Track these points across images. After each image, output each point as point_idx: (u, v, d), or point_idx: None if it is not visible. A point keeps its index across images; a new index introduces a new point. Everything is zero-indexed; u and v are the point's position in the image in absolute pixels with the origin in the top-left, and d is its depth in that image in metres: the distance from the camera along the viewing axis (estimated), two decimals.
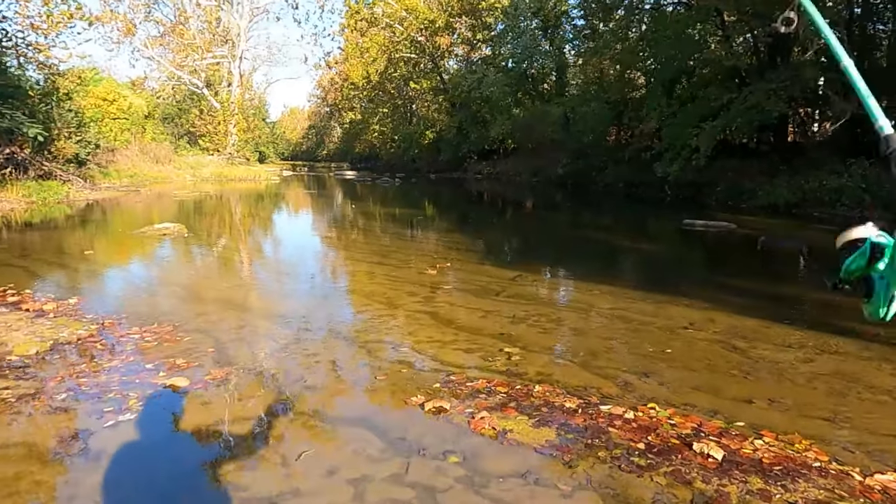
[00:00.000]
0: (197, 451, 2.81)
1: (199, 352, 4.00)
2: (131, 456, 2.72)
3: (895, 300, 0.57)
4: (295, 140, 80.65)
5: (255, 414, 3.11)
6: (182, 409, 3.16)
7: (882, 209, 12.07)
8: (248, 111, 40.69)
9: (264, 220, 14.43)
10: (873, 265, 0.59)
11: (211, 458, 2.69)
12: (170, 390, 3.36)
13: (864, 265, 0.59)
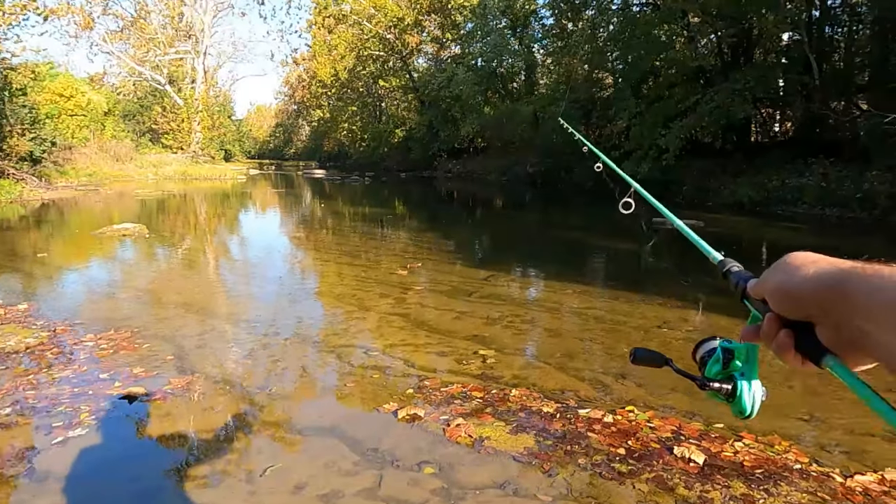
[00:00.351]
0: (154, 467, 2.63)
1: (159, 359, 3.79)
2: (82, 475, 2.52)
3: (757, 395, 0.62)
4: (262, 138, 79.38)
5: (218, 425, 2.94)
6: (139, 422, 2.97)
7: (841, 207, 12.42)
8: (213, 108, 39.80)
9: (230, 219, 14.06)
10: (730, 366, 0.64)
11: (170, 476, 2.52)
12: (126, 402, 3.16)
13: (722, 368, 0.64)
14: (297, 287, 6.51)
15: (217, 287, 6.56)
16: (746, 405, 0.62)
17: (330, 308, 5.39)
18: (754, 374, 0.62)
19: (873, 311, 0.42)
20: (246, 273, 7.46)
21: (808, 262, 0.50)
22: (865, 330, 0.43)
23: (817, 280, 0.47)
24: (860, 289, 0.44)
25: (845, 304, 0.44)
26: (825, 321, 0.47)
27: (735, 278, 0.66)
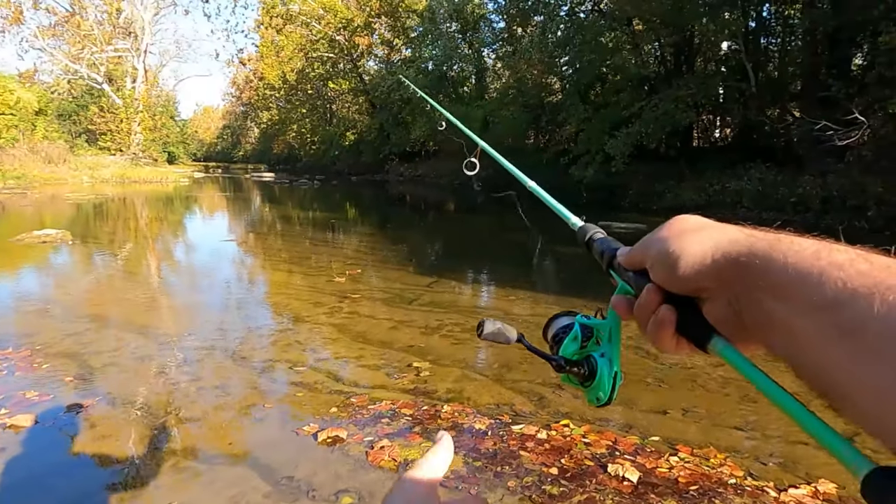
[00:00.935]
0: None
1: (59, 381, 3.43)
2: None
3: (618, 379, 0.51)
4: (209, 140, 77.12)
5: (116, 456, 2.64)
6: (21, 455, 2.63)
7: (777, 211, 12.86)
8: (155, 109, 38.29)
9: (169, 224, 13.41)
10: (588, 345, 0.54)
11: None
12: (11, 432, 2.82)
13: (579, 347, 0.55)
14: (228, 297, 6.15)
15: (139, 299, 6.12)
16: (606, 389, 0.52)
17: (260, 319, 5.09)
18: (616, 355, 0.53)
19: (787, 289, 0.34)
20: (174, 282, 7.04)
21: (701, 227, 0.43)
22: (770, 309, 0.35)
23: (718, 248, 0.39)
24: (775, 260, 0.35)
25: (751, 278, 0.36)
26: (718, 297, 0.40)
27: (601, 245, 0.59)
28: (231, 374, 3.69)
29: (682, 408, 3.15)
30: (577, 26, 19.38)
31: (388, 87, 28.94)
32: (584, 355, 0.54)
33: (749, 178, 13.82)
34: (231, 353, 4.07)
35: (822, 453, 2.59)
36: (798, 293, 0.33)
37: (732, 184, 14.08)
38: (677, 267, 0.41)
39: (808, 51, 14.23)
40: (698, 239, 0.41)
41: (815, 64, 13.82)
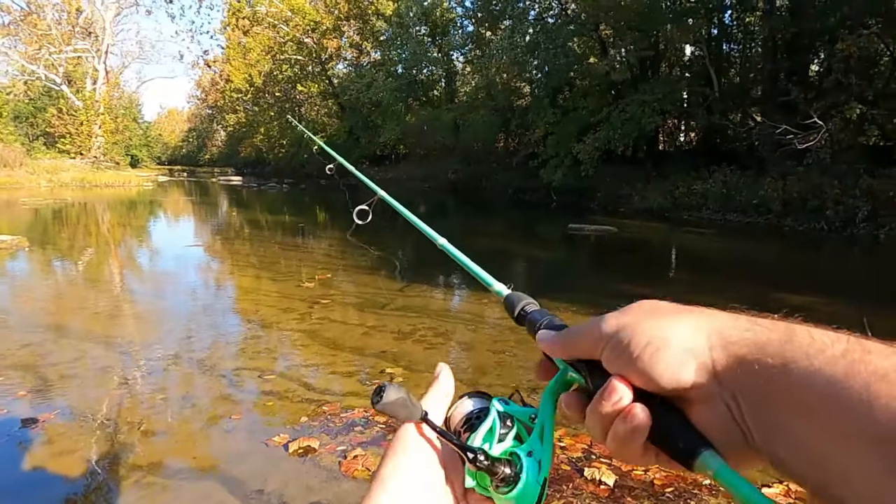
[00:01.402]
0: None
1: (10, 395, 3.27)
2: None
3: (545, 488, 0.40)
4: (174, 143, 75.52)
5: (75, 473, 2.51)
6: None
7: (741, 213, 13.17)
8: (117, 111, 37.32)
9: (132, 230, 13.03)
10: (509, 438, 0.43)
11: None
12: None
13: (496, 440, 0.43)
14: (194, 304, 5.98)
15: (100, 307, 5.91)
16: (532, 500, 0.40)
17: (227, 326, 4.95)
18: (548, 458, 0.42)
19: (823, 411, 0.26)
20: (138, 290, 6.82)
21: (679, 310, 0.36)
22: (796, 432, 0.27)
23: (715, 339, 0.32)
24: (797, 366, 0.28)
25: (764, 384, 0.29)
26: (711, 401, 0.31)
27: (536, 318, 0.48)
28: (197, 383, 3.57)
29: None
30: (546, 31, 19.58)
31: (357, 90, 28.76)
32: (506, 452, 0.43)
33: (714, 180, 14.14)
34: (197, 361, 3.95)
35: None
36: (841, 420, 0.26)
37: (698, 186, 14.40)
38: (659, 359, 0.32)
39: (768, 57, 14.65)
40: (684, 324, 0.33)
41: (774, 69, 14.23)
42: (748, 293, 6.35)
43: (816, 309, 5.64)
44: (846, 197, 11.15)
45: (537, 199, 18.92)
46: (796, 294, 6.32)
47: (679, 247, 10.91)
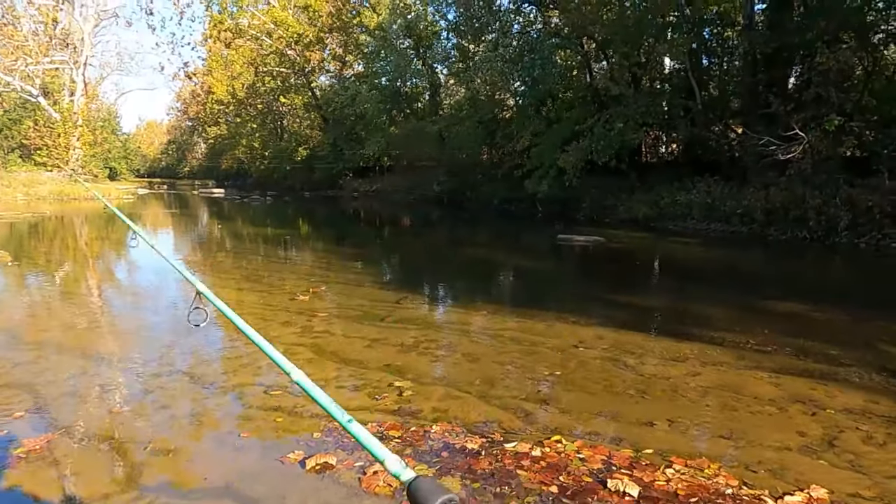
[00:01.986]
0: None
1: (9, 415, 3.17)
2: None
3: None
4: (153, 156, 74.55)
5: (80, 496, 2.44)
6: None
7: (724, 223, 13.38)
8: (96, 123, 36.76)
9: (114, 243, 12.79)
10: None
11: None
12: None
13: None
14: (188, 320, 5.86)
15: (96, 321, 5.78)
16: None
17: (227, 340, 4.87)
18: None
19: None
20: (132, 304, 6.68)
21: None
22: None
23: None
24: None
25: None
26: None
27: None
28: (203, 399, 3.49)
29: (667, 419, 3.18)
30: (529, 44, 19.78)
31: (341, 102, 28.73)
32: None
33: (697, 190, 14.35)
34: (200, 377, 3.87)
35: (808, 458, 2.65)
36: None
37: (682, 196, 14.60)
38: None
39: (748, 70, 14.96)
40: None
41: (754, 82, 14.54)
42: (734, 301, 6.44)
43: (802, 316, 5.73)
44: (827, 206, 11.38)
45: (523, 210, 19.02)
46: (782, 301, 6.42)
47: (665, 256, 11.04)
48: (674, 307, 6.26)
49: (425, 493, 0.50)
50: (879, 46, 13.06)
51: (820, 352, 4.36)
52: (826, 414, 3.24)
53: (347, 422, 0.72)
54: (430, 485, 0.50)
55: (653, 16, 15.75)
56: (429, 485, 0.50)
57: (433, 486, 0.50)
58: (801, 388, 3.63)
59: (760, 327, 5.04)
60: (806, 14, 13.54)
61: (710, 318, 5.48)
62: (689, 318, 5.59)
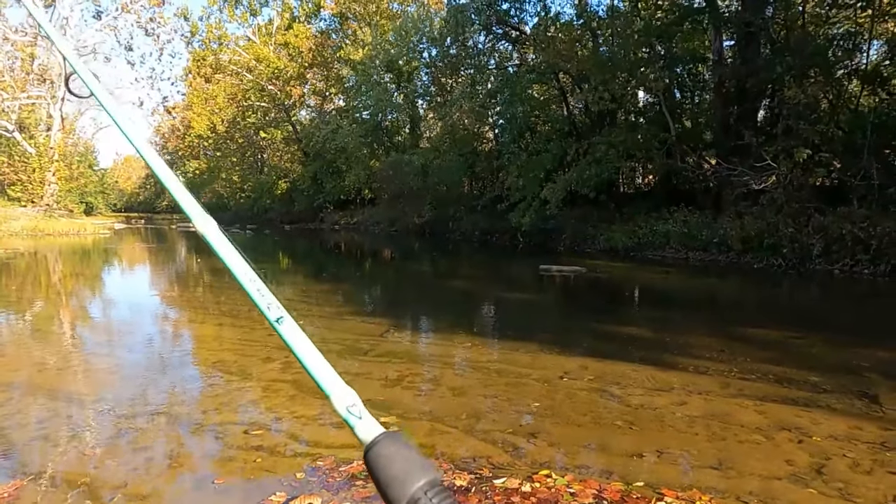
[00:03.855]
0: None
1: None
2: None
3: None
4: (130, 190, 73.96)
5: None
6: None
7: (702, 251, 13.60)
8: (72, 158, 36.36)
9: (90, 279, 12.52)
10: None
11: None
12: None
13: None
14: (169, 354, 5.73)
15: (68, 360, 5.60)
16: None
17: (206, 377, 4.75)
18: None
19: None
20: (106, 341, 6.50)
21: None
22: None
23: None
24: None
25: None
26: None
27: None
28: (181, 440, 3.38)
29: (656, 449, 3.15)
30: (506, 79, 20.24)
31: (322, 136, 28.91)
32: None
33: (674, 220, 14.62)
34: (179, 416, 3.75)
35: (798, 487, 2.64)
36: None
37: (659, 226, 14.85)
38: None
39: (719, 104, 15.46)
40: None
41: (726, 115, 15.01)
42: (716, 329, 6.50)
43: (782, 343, 5.80)
44: (800, 235, 11.66)
45: (504, 242, 19.14)
46: (762, 329, 6.49)
47: (645, 285, 11.14)
48: (657, 336, 6.28)
49: (396, 472, 0.36)
50: (843, 81, 13.61)
51: (802, 379, 4.39)
52: (812, 441, 3.24)
53: (276, 321, 0.54)
54: (403, 453, 0.36)
55: (625, 52, 16.26)
56: (402, 453, 0.36)
57: (408, 458, 0.36)
58: (786, 415, 3.64)
59: (743, 355, 5.08)
60: (773, 51, 14.10)
61: (693, 347, 5.51)
62: (672, 346, 5.61)
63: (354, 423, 0.40)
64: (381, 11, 30.65)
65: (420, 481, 0.36)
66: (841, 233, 11.03)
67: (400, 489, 0.36)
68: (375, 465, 0.38)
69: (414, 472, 0.36)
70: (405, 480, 0.36)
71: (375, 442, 0.38)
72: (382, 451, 0.37)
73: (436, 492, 0.36)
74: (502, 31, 20.86)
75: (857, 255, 10.77)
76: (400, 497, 0.36)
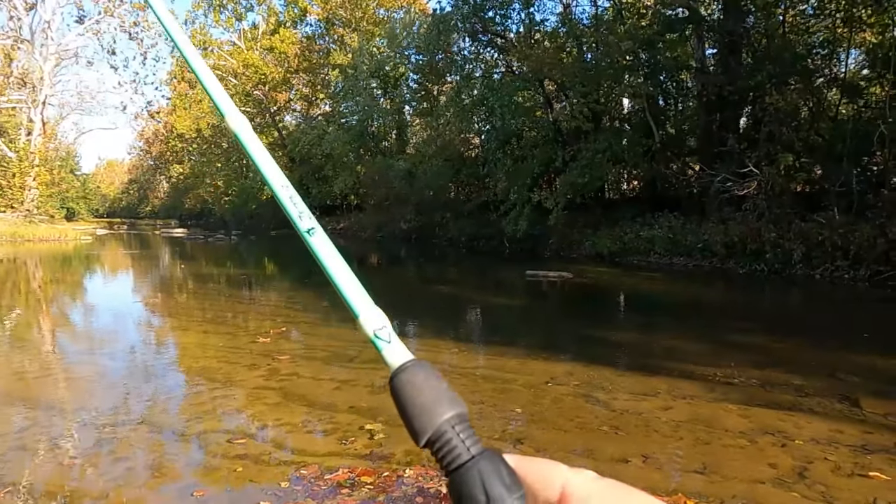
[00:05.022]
0: None
1: None
2: None
3: None
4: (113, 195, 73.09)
5: None
6: None
7: (686, 256, 13.73)
8: (54, 163, 35.90)
9: (71, 286, 12.34)
10: None
11: None
12: None
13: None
14: (151, 362, 5.65)
15: (49, 368, 5.50)
16: None
17: (190, 385, 4.69)
18: None
19: None
20: (88, 349, 6.40)
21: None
22: None
23: None
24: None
25: None
26: None
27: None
28: (163, 449, 3.33)
29: (641, 454, 3.17)
30: (491, 86, 20.33)
31: (308, 142, 28.81)
32: None
33: (659, 226, 14.74)
34: (161, 425, 3.70)
35: (781, 491, 2.66)
36: None
37: (644, 232, 14.96)
38: None
39: (702, 111, 15.65)
40: None
41: (709, 122, 15.20)
42: (700, 334, 6.56)
43: (765, 347, 5.87)
44: (782, 240, 11.81)
45: (491, 247, 19.18)
46: (745, 334, 6.57)
47: (631, 290, 11.22)
48: (642, 341, 6.32)
49: (424, 401, 0.35)
50: (822, 89, 13.86)
51: (784, 382, 4.44)
52: (795, 445, 3.28)
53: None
54: (432, 383, 0.36)
55: (610, 60, 16.41)
56: (431, 383, 0.36)
57: (438, 388, 0.35)
58: (769, 419, 3.68)
59: (727, 360, 5.13)
60: (754, 59, 14.32)
61: (678, 352, 5.55)
62: (657, 351, 5.65)
63: (382, 346, 0.38)
64: (368, 17, 30.71)
65: (448, 413, 0.35)
66: (821, 238, 11.19)
67: (427, 420, 0.35)
68: (402, 393, 0.37)
69: (443, 403, 0.35)
70: (433, 411, 0.35)
71: (403, 368, 0.37)
72: (410, 377, 0.36)
73: (464, 427, 0.35)
74: (487, 39, 20.97)
75: (837, 261, 10.94)
76: (426, 428, 0.35)
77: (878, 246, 10.33)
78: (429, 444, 0.35)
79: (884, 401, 4.01)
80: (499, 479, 0.32)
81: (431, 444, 0.35)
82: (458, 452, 0.34)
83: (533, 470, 0.34)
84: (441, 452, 0.35)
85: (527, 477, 0.34)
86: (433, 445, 0.35)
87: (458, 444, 0.35)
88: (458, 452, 0.34)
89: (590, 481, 0.34)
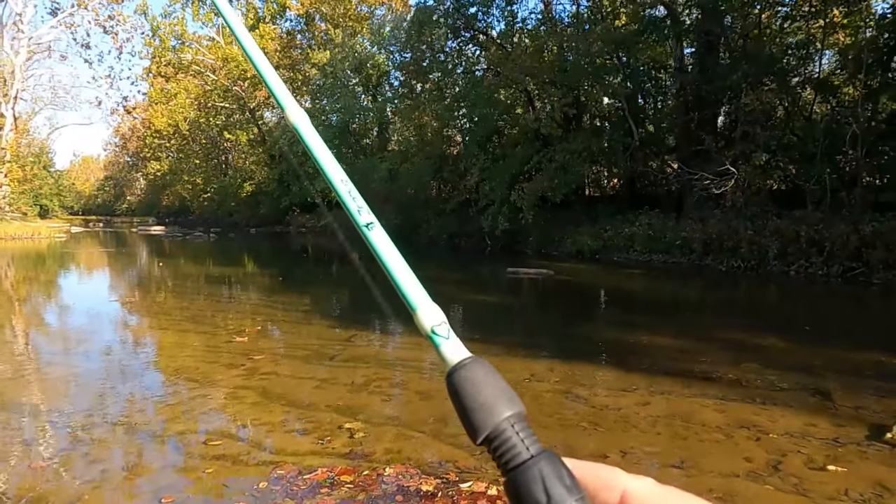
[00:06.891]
0: None
1: None
2: None
3: None
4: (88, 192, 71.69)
5: None
6: None
7: (665, 254, 13.90)
8: (26, 159, 35.07)
9: (45, 285, 12.07)
10: None
11: None
12: None
13: None
14: (128, 362, 5.55)
15: (22, 369, 5.37)
16: None
17: (167, 385, 4.63)
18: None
19: None
20: (62, 349, 6.27)
21: None
22: None
23: None
24: None
25: None
26: None
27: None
28: (139, 450, 3.28)
29: (620, 450, 3.20)
30: (473, 83, 20.33)
31: (288, 139, 28.54)
32: None
33: (639, 223, 14.89)
34: (138, 425, 3.64)
35: (756, 484, 2.71)
36: None
37: (625, 229, 15.11)
38: None
39: (681, 110, 15.84)
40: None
41: (687, 121, 15.38)
42: (678, 330, 6.65)
43: (741, 342, 5.96)
44: (758, 237, 12.02)
45: (472, 245, 19.21)
46: (721, 329, 6.68)
47: (611, 286, 11.33)
48: (621, 337, 6.38)
49: (484, 398, 0.35)
50: (797, 89, 14.12)
51: (760, 377, 4.52)
52: (769, 438, 3.34)
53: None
54: (491, 380, 0.36)
55: (589, 59, 16.51)
56: (490, 380, 0.36)
57: (497, 386, 0.36)
58: (745, 413, 3.74)
59: (704, 355, 5.21)
60: (732, 59, 14.53)
61: (657, 348, 5.62)
62: (636, 347, 5.71)
63: (440, 342, 0.37)
64: (349, 14, 30.50)
65: (508, 412, 0.35)
66: (796, 235, 11.42)
67: (487, 417, 0.35)
68: (461, 389, 0.36)
69: (503, 401, 0.35)
70: (492, 408, 0.35)
71: (462, 365, 0.36)
72: (469, 374, 0.36)
73: (523, 426, 0.35)
74: (470, 35, 20.97)
75: (812, 257, 11.16)
76: (486, 425, 0.35)
77: (850, 242, 10.56)
78: (486, 442, 0.35)
79: (855, 394, 4.10)
80: (559, 480, 0.33)
81: (489, 442, 0.35)
82: (518, 451, 0.34)
83: (592, 473, 0.35)
84: (499, 451, 0.35)
85: (585, 479, 0.34)
86: (491, 443, 0.35)
87: (518, 443, 0.35)
88: (517, 451, 0.34)
89: (650, 487, 0.34)
